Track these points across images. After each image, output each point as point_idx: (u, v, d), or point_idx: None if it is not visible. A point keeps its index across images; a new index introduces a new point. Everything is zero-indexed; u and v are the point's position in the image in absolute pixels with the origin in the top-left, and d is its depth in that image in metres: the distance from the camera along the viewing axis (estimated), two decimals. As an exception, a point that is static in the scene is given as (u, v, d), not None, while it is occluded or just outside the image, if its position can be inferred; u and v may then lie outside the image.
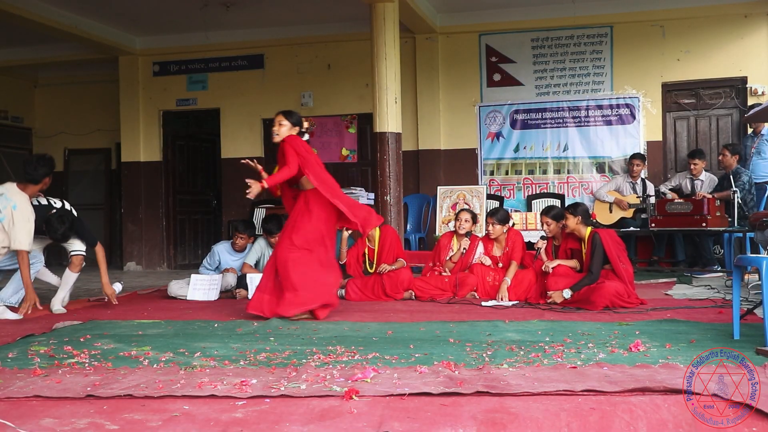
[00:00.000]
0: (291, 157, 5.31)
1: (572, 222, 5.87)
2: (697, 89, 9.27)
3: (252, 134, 10.61)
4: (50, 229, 5.68)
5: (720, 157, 8.06)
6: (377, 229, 6.68)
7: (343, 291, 6.51)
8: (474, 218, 6.80)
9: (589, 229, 5.85)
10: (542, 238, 6.23)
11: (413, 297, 6.40)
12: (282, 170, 5.35)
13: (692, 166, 8.32)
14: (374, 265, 6.63)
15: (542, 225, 6.20)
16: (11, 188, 5.59)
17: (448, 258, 6.68)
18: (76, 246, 5.98)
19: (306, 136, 5.62)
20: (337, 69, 10.25)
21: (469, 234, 6.70)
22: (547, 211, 6.17)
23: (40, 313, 5.68)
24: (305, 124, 5.67)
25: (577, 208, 5.89)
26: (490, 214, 6.59)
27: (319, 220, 5.41)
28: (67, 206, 5.97)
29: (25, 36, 10.14)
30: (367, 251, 6.73)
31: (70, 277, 5.96)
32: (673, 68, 9.26)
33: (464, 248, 6.60)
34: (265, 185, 5.25)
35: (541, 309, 5.55)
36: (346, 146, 10.23)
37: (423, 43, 9.91)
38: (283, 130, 5.53)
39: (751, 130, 8.51)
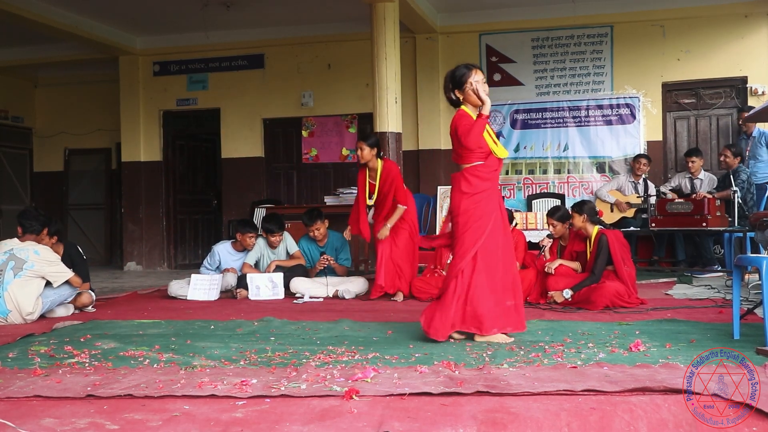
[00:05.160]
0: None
1: (578, 221, 5.85)
2: (698, 89, 9.27)
3: (252, 134, 10.61)
4: (26, 218, 5.67)
5: (721, 158, 8.06)
6: (379, 162, 6.53)
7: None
8: None
9: (596, 228, 5.82)
10: (548, 236, 6.23)
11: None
12: None
13: (690, 164, 8.32)
14: (374, 198, 6.52)
15: (548, 226, 6.19)
16: (17, 241, 5.56)
17: (449, 262, 6.65)
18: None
19: None
20: (337, 69, 10.25)
21: None
22: (552, 213, 6.15)
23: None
24: None
25: (582, 207, 5.87)
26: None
27: None
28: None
29: (25, 36, 10.14)
30: (368, 185, 6.58)
31: (69, 308, 5.88)
32: (674, 68, 9.26)
33: None
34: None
35: (541, 309, 5.55)
36: (346, 146, 10.23)
37: (423, 43, 9.91)
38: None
39: (744, 131, 8.48)
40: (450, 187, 4.46)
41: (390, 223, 6.41)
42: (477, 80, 4.25)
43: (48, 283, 5.49)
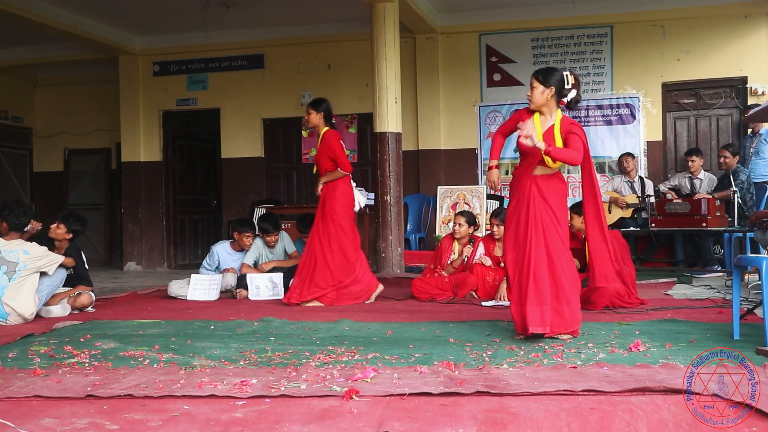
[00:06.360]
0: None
1: (578, 222, 5.85)
2: (697, 89, 9.27)
3: (252, 134, 10.61)
4: (12, 214, 5.56)
5: (721, 159, 8.06)
6: (324, 130, 6.37)
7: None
8: (472, 221, 6.72)
9: None
10: None
11: None
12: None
13: (690, 163, 8.33)
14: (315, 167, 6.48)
15: None
16: (2, 241, 5.46)
17: (449, 262, 6.66)
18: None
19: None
20: (337, 69, 10.25)
21: (472, 241, 6.66)
22: None
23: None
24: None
25: (581, 208, 5.86)
26: (494, 215, 6.54)
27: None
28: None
29: (25, 36, 10.14)
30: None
31: (67, 308, 5.85)
32: (673, 68, 9.26)
33: (466, 256, 6.58)
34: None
35: (541, 309, 5.54)
36: (346, 146, 10.13)
37: (423, 43, 9.91)
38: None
39: (750, 130, 8.51)
40: (450, 187, 4.54)
41: (322, 181, 6.28)
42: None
43: (42, 274, 5.50)
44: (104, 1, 9.03)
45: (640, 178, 8.68)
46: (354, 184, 6.43)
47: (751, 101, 8.82)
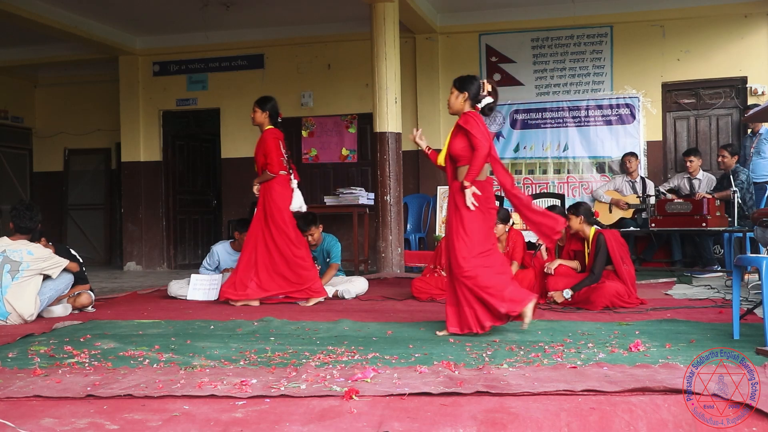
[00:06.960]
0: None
1: (575, 222, 5.86)
2: (697, 89, 9.27)
3: (252, 134, 10.55)
4: (19, 218, 5.54)
5: (719, 159, 8.07)
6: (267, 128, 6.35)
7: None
8: None
9: (594, 229, 5.83)
10: None
11: None
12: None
13: (688, 164, 8.33)
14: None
15: None
16: (8, 240, 5.48)
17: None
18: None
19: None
20: (337, 69, 10.25)
21: None
22: None
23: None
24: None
25: (578, 208, 5.87)
26: None
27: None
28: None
29: (25, 36, 10.14)
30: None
31: (67, 308, 5.86)
32: (673, 68, 9.26)
33: None
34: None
35: (541, 309, 5.54)
36: (346, 146, 10.23)
37: (423, 43, 9.91)
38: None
39: (750, 130, 8.51)
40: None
41: (256, 180, 6.31)
42: None
43: (46, 277, 5.50)
44: (104, 1, 9.04)
45: (642, 178, 8.68)
46: (295, 185, 6.36)
47: (751, 101, 8.82)
